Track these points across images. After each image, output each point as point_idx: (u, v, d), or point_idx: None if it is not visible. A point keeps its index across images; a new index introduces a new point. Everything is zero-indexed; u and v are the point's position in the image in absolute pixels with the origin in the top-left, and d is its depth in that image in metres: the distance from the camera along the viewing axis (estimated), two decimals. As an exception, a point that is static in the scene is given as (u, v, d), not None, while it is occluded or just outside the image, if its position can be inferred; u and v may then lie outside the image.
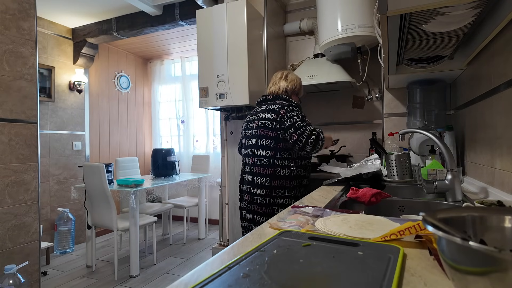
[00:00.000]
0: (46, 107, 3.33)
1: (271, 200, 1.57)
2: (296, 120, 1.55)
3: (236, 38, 2.17)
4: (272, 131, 1.59)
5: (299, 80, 1.78)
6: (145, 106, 4.77)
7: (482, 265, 0.33)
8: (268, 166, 1.60)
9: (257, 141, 1.64)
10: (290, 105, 1.62)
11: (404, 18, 0.90)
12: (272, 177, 1.58)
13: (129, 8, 3.06)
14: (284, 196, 1.57)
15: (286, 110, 1.58)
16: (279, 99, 1.69)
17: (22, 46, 1.92)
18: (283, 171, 1.58)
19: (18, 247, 1.88)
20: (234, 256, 0.58)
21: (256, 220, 1.62)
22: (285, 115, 1.57)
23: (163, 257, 3.14)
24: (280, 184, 1.57)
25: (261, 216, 1.60)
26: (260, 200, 1.59)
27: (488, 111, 1.21)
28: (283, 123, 1.56)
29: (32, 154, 1.96)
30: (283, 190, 1.57)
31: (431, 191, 1.09)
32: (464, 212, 0.49)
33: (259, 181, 1.61)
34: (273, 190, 1.58)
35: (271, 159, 1.59)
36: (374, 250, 0.57)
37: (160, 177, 3.38)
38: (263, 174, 1.60)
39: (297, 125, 1.54)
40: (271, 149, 1.59)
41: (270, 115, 1.61)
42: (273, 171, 1.58)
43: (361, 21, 2.05)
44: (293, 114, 1.57)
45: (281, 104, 1.62)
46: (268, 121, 1.60)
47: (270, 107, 1.64)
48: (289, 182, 1.58)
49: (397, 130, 1.98)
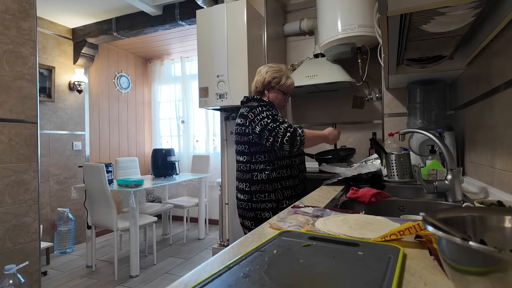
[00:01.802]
0: (46, 107, 3.33)
1: (252, 205, 1.52)
2: (267, 122, 1.44)
3: (236, 38, 2.17)
4: (244, 136, 1.53)
5: (271, 71, 1.59)
6: (145, 106, 4.77)
7: (482, 265, 0.33)
8: (246, 171, 1.55)
9: (236, 147, 1.60)
10: (258, 106, 1.50)
11: (404, 18, 0.90)
12: (250, 182, 1.53)
13: (129, 8, 3.06)
14: (265, 201, 1.50)
15: (254, 113, 1.48)
16: (250, 100, 1.60)
17: (22, 46, 1.92)
18: (260, 175, 1.51)
19: (18, 247, 1.88)
20: (234, 256, 0.58)
21: (245, 224, 1.58)
22: (254, 119, 1.47)
23: (163, 257, 3.14)
24: (258, 188, 1.51)
25: (247, 220, 1.56)
26: (244, 205, 1.56)
27: (488, 111, 1.21)
28: (254, 128, 1.47)
29: (32, 154, 1.96)
30: (263, 195, 1.50)
31: (431, 191, 1.09)
32: (464, 212, 0.49)
33: (241, 186, 1.58)
34: (253, 195, 1.52)
35: (248, 164, 1.54)
36: (374, 250, 0.57)
37: (160, 177, 3.38)
38: (242, 179, 1.57)
39: (270, 127, 1.43)
40: (246, 154, 1.54)
41: (241, 120, 1.54)
42: (251, 176, 1.53)
43: (361, 21, 2.05)
44: (263, 116, 1.46)
45: (249, 107, 1.53)
46: (240, 126, 1.55)
47: (241, 111, 1.57)
48: (267, 185, 1.50)
49: (397, 130, 1.98)
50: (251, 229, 1.52)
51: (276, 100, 1.61)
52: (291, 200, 1.54)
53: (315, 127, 2.74)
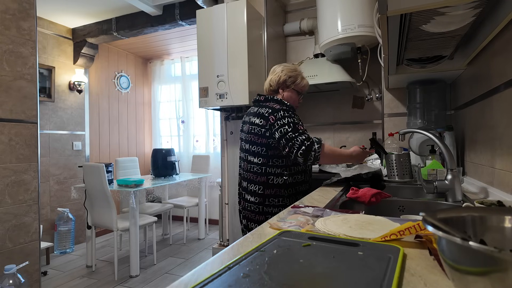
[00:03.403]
0: (46, 107, 3.33)
1: (264, 208, 1.49)
2: (287, 131, 1.41)
3: (236, 38, 2.17)
4: (263, 138, 1.47)
5: (286, 70, 1.57)
6: (145, 106, 4.77)
7: (482, 265, 0.33)
8: (261, 174, 1.49)
9: (249, 147, 1.54)
10: (280, 110, 1.46)
11: (404, 18, 0.90)
12: (265, 185, 1.49)
13: (129, 8, 3.06)
14: (277, 205, 1.48)
15: (275, 117, 1.44)
16: (270, 100, 1.55)
17: (22, 46, 1.92)
18: (276, 180, 1.47)
19: (18, 247, 1.88)
20: (234, 256, 0.58)
21: (250, 227, 1.55)
22: (275, 123, 1.43)
23: (163, 257, 3.14)
24: (273, 192, 1.47)
25: (255, 224, 1.52)
26: (254, 207, 1.52)
27: (488, 111, 1.21)
28: (273, 132, 1.44)
29: (32, 154, 1.96)
30: (277, 199, 1.47)
31: (431, 191, 1.09)
32: (464, 212, 0.49)
33: (253, 188, 1.52)
34: (266, 199, 1.48)
35: (264, 167, 1.49)
36: (374, 250, 0.57)
37: (160, 177, 3.38)
38: (256, 181, 1.51)
39: (288, 137, 1.40)
40: (263, 156, 1.49)
41: (260, 120, 1.48)
42: (266, 179, 1.48)
43: (361, 21, 2.05)
44: (284, 122, 1.42)
45: (271, 108, 1.48)
46: (258, 127, 1.49)
47: (260, 111, 1.51)
48: (283, 190, 1.47)
49: (397, 130, 1.98)
50: None
51: (291, 99, 1.58)
52: None
53: (315, 127, 2.75)
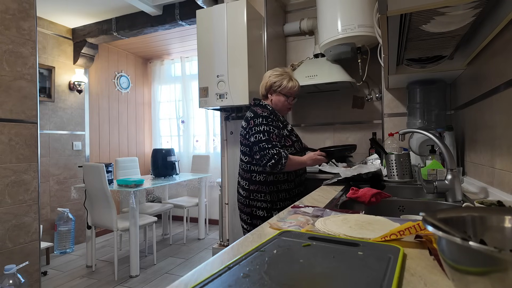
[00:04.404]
0: (46, 107, 3.33)
1: (249, 202, 1.62)
2: (261, 139, 1.51)
3: (236, 38, 2.17)
4: (245, 140, 1.61)
5: (273, 75, 1.66)
6: (145, 106, 4.77)
7: (482, 265, 0.33)
8: (247, 171, 1.64)
9: (240, 147, 1.69)
10: (260, 116, 1.56)
11: (404, 18, 0.90)
12: (249, 182, 1.62)
13: (129, 8, 3.06)
14: (260, 200, 1.59)
15: (254, 122, 1.56)
16: (257, 105, 1.66)
17: (22, 46, 1.92)
18: (258, 177, 1.60)
19: (18, 247, 1.88)
20: (234, 256, 0.58)
21: (241, 217, 1.69)
22: (253, 128, 1.55)
23: (163, 257, 3.14)
24: (256, 188, 1.60)
25: (244, 215, 1.66)
26: (242, 200, 1.66)
27: (488, 111, 1.21)
28: (250, 136, 1.56)
29: (32, 154, 1.96)
30: (259, 195, 1.60)
31: (431, 191, 1.09)
32: (464, 212, 0.49)
33: (242, 183, 1.67)
34: (251, 193, 1.61)
35: (249, 165, 1.63)
36: (374, 250, 0.57)
37: (160, 177, 3.38)
38: (244, 177, 1.66)
39: (262, 146, 1.50)
40: (248, 155, 1.62)
41: (244, 123, 1.62)
42: (250, 176, 1.62)
43: (361, 21, 2.05)
44: (260, 129, 1.53)
45: (253, 113, 1.59)
46: (243, 129, 1.63)
47: (247, 115, 1.64)
48: (264, 187, 1.59)
49: (397, 130, 1.98)
50: (247, 222, 1.65)
51: (279, 103, 1.67)
52: (285, 202, 1.62)
53: (315, 127, 2.75)
